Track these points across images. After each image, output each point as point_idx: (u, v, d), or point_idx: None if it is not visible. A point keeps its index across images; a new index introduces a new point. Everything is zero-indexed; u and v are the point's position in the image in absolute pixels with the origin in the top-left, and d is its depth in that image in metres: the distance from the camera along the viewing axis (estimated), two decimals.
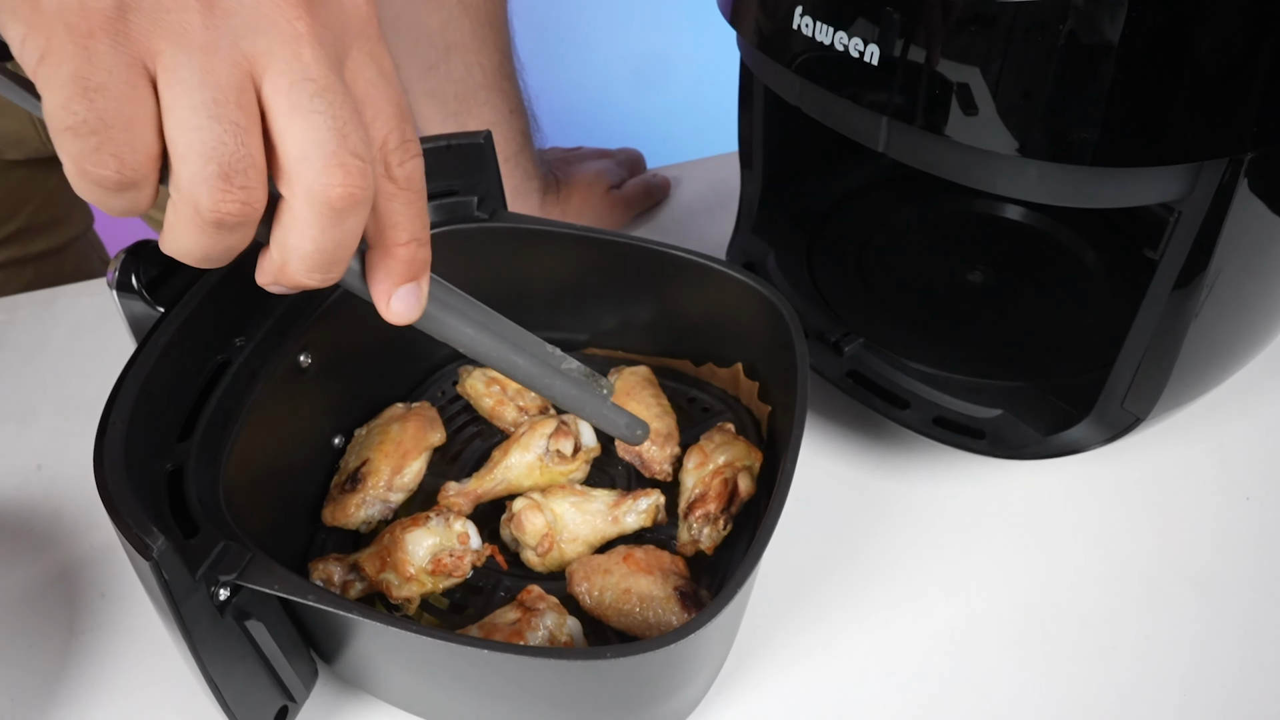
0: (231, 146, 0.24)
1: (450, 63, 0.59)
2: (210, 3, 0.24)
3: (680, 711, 0.39)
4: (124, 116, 0.23)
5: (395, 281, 0.29)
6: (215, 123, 0.24)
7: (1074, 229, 0.58)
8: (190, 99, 0.24)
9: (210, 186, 0.24)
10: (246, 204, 0.25)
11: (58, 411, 0.58)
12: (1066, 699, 0.41)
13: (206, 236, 0.25)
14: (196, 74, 0.23)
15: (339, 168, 0.25)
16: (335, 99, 0.25)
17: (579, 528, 0.42)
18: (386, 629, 0.32)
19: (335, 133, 0.25)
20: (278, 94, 0.25)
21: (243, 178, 0.24)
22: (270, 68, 0.24)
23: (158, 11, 0.23)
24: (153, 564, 0.29)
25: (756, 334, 0.45)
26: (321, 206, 0.25)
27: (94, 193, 0.24)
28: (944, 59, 0.35)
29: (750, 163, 0.56)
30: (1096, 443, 0.44)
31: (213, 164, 0.24)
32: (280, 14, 0.24)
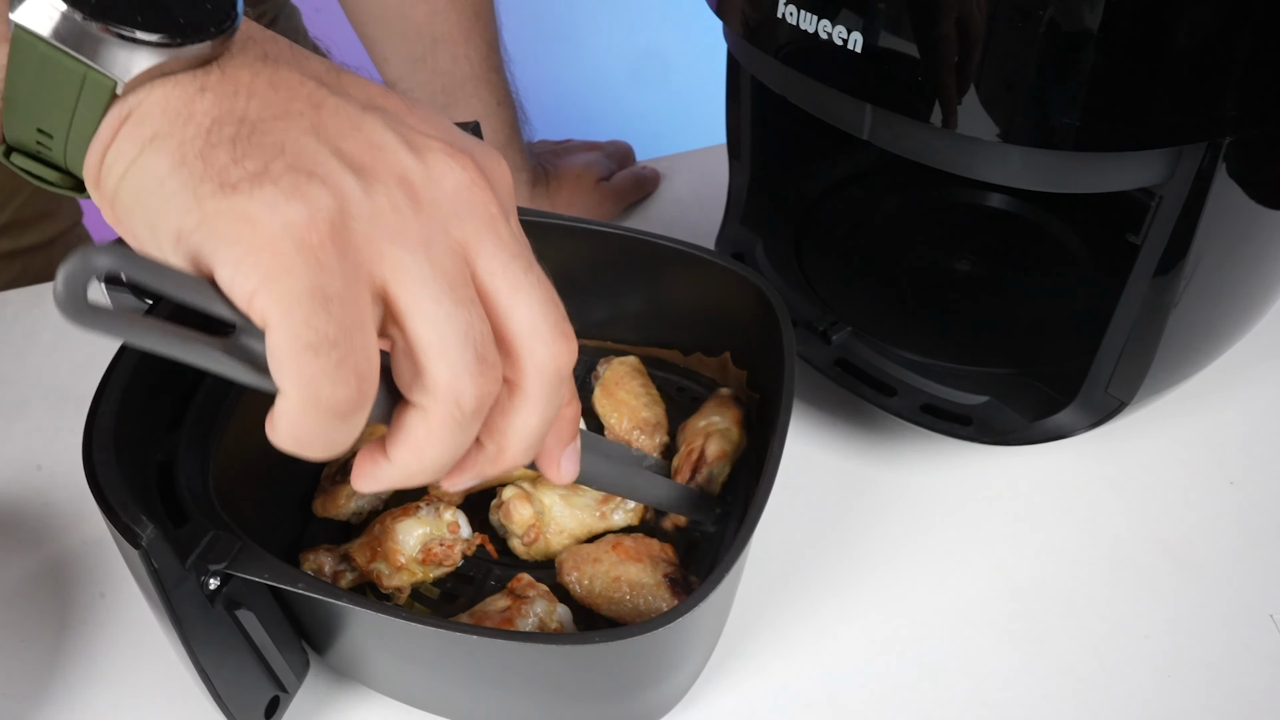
0: (479, 327, 0.24)
1: (437, 55, 0.59)
2: (417, 199, 0.24)
3: (670, 698, 0.39)
4: (360, 326, 0.22)
5: (565, 444, 0.30)
6: (461, 308, 0.24)
7: (1060, 217, 0.58)
8: (430, 291, 0.23)
9: (472, 373, 0.24)
10: (497, 381, 0.25)
11: (49, 407, 0.58)
12: (1054, 679, 0.41)
13: (461, 435, 0.25)
14: (427, 267, 0.23)
15: (564, 336, 0.26)
16: (539, 272, 0.26)
17: (566, 520, 0.43)
18: (377, 617, 0.32)
19: (553, 304, 0.26)
20: (494, 276, 0.25)
21: (493, 356, 0.24)
22: (480, 251, 0.25)
23: (376, 215, 0.23)
24: (142, 553, 0.30)
25: (744, 322, 0.46)
26: (553, 378, 0.26)
27: (320, 426, 0.23)
28: (925, 46, 0.35)
29: (738, 153, 0.56)
30: (1081, 428, 0.45)
31: (470, 350, 0.24)
32: (476, 199, 0.25)
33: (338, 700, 0.42)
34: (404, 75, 0.60)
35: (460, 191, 0.25)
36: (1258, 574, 0.44)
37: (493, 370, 0.24)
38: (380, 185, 0.23)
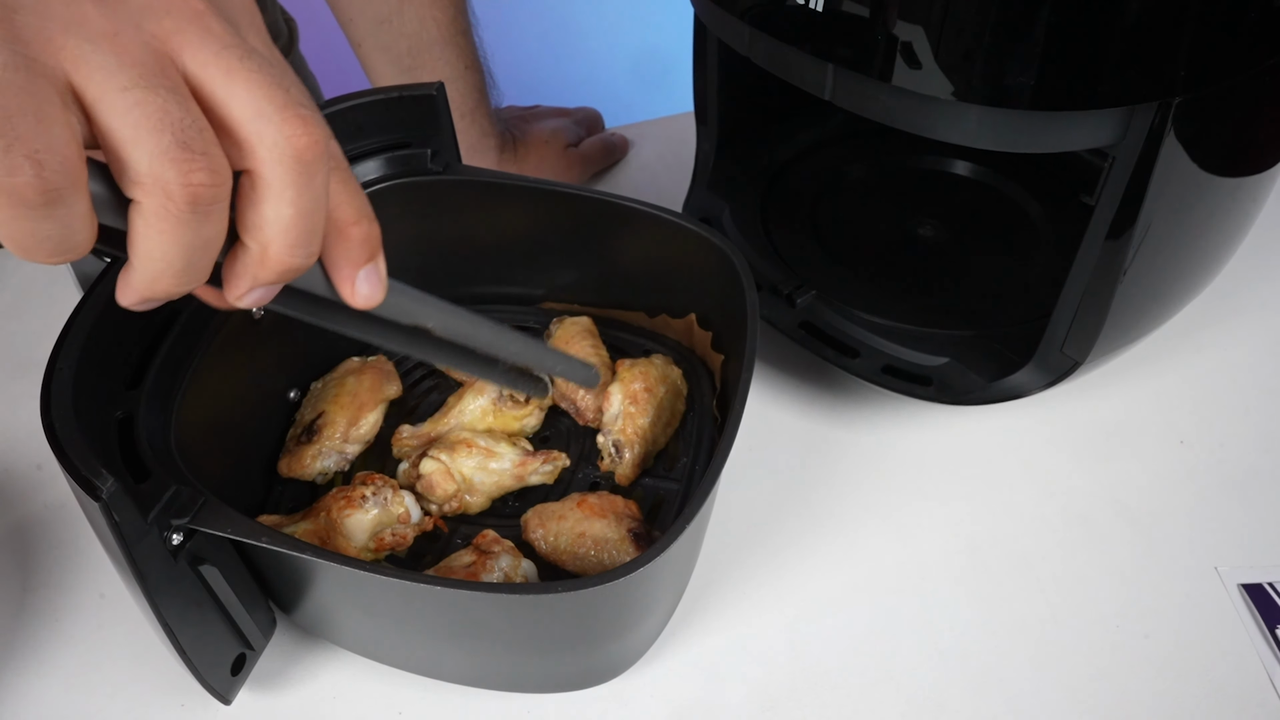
0: (178, 113, 0.22)
1: (403, 17, 0.58)
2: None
3: (635, 651, 0.40)
4: (28, 110, 0.21)
5: (357, 264, 0.28)
6: (153, 93, 0.22)
7: (1020, 183, 0.59)
8: (116, 80, 0.22)
9: (174, 159, 0.22)
10: (214, 172, 0.23)
11: (6, 373, 0.57)
12: (1007, 630, 0.42)
13: (184, 229, 0.23)
14: (112, 58, 0.22)
15: (296, 118, 0.24)
16: (262, 59, 0.24)
17: (484, 485, 0.43)
18: (343, 570, 0.33)
19: (279, 86, 0.24)
20: (205, 66, 0.23)
21: (201, 143, 0.23)
22: (186, 44, 0.23)
23: (45, 6, 0.22)
24: (102, 505, 0.29)
25: (709, 285, 0.46)
26: (292, 162, 0.24)
27: (17, 219, 0.22)
28: (885, 6, 0.36)
29: (705, 119, 0.57)
30: (1037, 387, 0.46)
31: (166, 133, 0.22)
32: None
33: (304, 658, 0.42)
34: (369, 35, 0.59)
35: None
36: (1205, 529, 0.46)
37: (202, 158, 0.23)
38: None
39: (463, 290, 0.52)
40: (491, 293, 0.52)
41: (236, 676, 0.38)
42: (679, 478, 0.45)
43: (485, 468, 0.42)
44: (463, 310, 0.34)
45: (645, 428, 0.44)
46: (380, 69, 0.60)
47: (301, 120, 0.24)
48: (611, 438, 0.44)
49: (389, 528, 0.40)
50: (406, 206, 0.48)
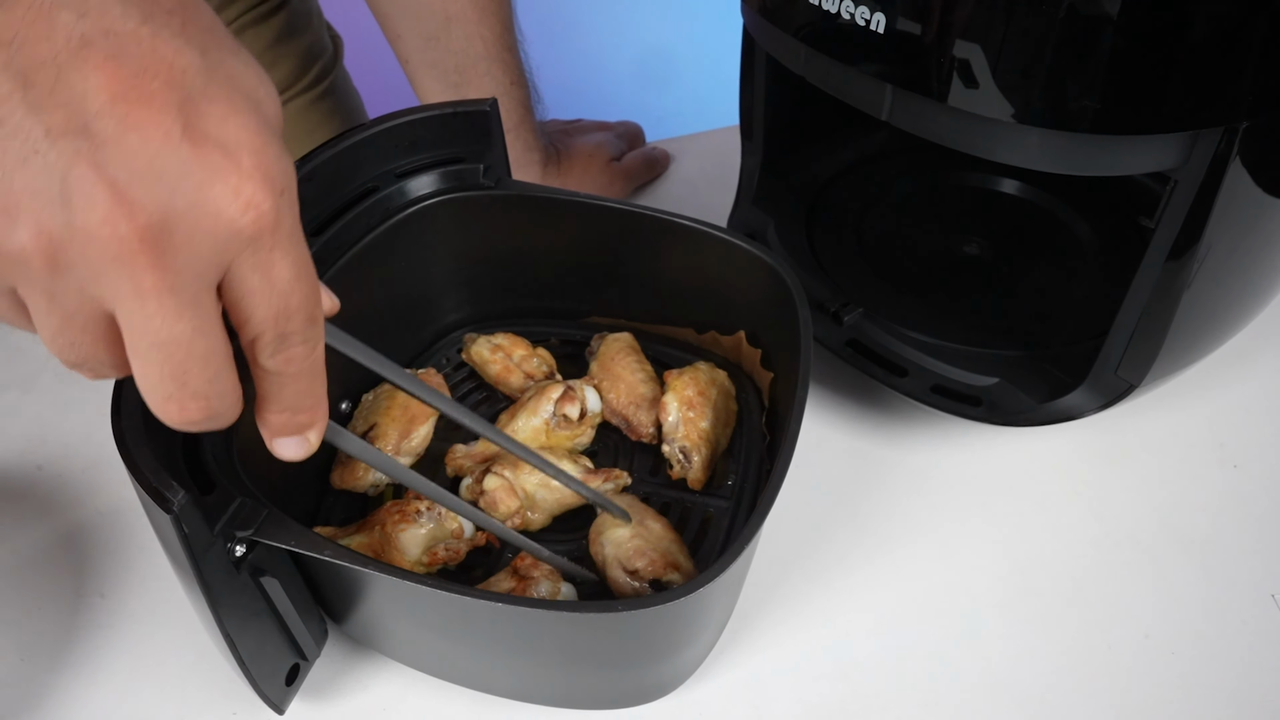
0: (75, 356, 0.25)
1: (450, 34, 0.59)
2: (52, 258, 0.23)
3: (685, 670, 0.40)
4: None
5: (270, 435, 0.31)
6: (62, 341, 0.25)
7: (1067, 201, 0.58)
8: (40, 321, 0.25)
9: (61, 358, 0.26)
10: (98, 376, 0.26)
11: (58, 378, 0.58)
12: (1058, 655, 0.42)
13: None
14: (42, 310, 0.24)
15: (174, 404, 0.26)
16: (178, 349, 0.25)
17: (545, 502, 0.43)
18: (404, 584, 0.33)
19: (172, 379, 0.25)
20: (125, 336, 0.25)
21: (88, 371, 0.26)
22: (117, 314, 0.24)
23: (5, 259, 0.23)
24: (173, 517, 0.30)
25: (759, 302, 0.46)
26: (173, 425, 0.27)
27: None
28: (948, 27, 0.36)
29: (751, 134, 0.57)
30: (1090, 410, 0.45)
31: (72, 364, 0.26)
32: (122, 271, 0.23)
33: (355, 669, 0.42)
34: (416, 52, 0.60)
35: (105, 260, 0.23)
36: (1259, 555, 0.45)
37: (89, 374, 0.26)
38: (13, 237, 0.23)
39: (511, 303, 0.53)
40: (539, 306, 0.53)
41: (290, 686, 0.39)
42: (728, 495, 0.45)
43: (548, 485, 0.42)
44: (411, 474, 0.37)
45: (707, 430, 0.44)
46: (428, 85, 0.61)
47: (178, 406, 0.26)
48: (677, 445, 0.44)
49: (443, 542, 0.41)
50: (458, 221, 0.48)
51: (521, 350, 0.49)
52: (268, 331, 0.27)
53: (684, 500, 0.45)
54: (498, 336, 0.50)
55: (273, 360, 0.27)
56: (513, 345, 0.49)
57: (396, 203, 0.47)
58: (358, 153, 0.45)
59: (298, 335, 0.27)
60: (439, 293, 0.51)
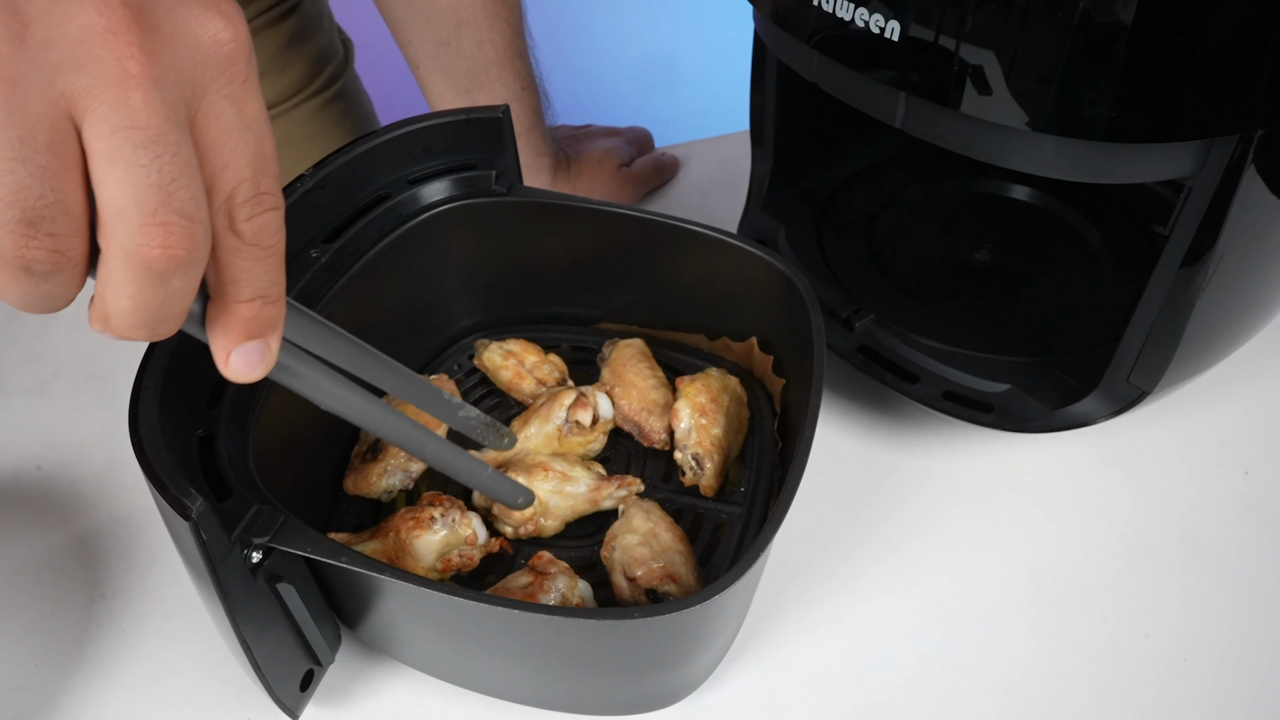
0: (37, 191, 0.22)
1: (461, 39, 0.59)
2: (22, 33, 0.21)
3: (699, 675, 0.40)
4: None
5: (234, 339, 0.27)
6: (19, 164, 0.22)
7: (1079, 208, 0.58)
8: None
9: (12, 233, 0.22)
10: (56, 252, 0.23)
11: (70, 385, 0.58)
12: (1070, 662, 0.42)
13: (17, 282, 0.23)
14: (1, 111, 0.21)
15: (159, 227, 0.23)
16: (165, 150, 0.23)
17: (559, 508, 0.43)
18: (419, 590, 0.33)
19: (159, 188, 0.23)
20: (97, 140, 0.22)
21: (51, 225, 0.22)
22: (91, 110, 0.22)
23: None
24: (191, 525, 0.30)
25: (771, 308, 0.46)
26: (137, 266, 0.23)
27: None
28: (963, 35, 0.36)
29: (761, 140, 0.57)
30: (1102, 416, 0.45)
31: (15, 209, 0.22)
32: (108, 51, 0.22)
33: (368, 674, 0.42)
34: (427, 58, 0.60)
35: (88, 38, 0.22)
36: (1272, 560, 0.45)
37: (45, 239, 0.23)
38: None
39: (522, 309, 0.53)
40: (551, 313, 0.53)
41: (305, 692, 0.39)
42: (740, 502, 0.45)
43: (561, 491, 0.42)
44: (372, 401, 0.34)
45: (719, 437, 0.44)
46: (439, 90, 0.61)
47: (164, 229, 0.23)
48: (689, 452, 0.44)
49: (456, 549, 0.41)
50: (470, 227, 0.48)
51: (533, 356, 0.49)
52: (245, 183, 0.25)
53: (696, 507, 0.45)
54: (509, 343, 0.50)
55: (249, 223, 0.25)
56: (524, 351, 0.49)
57: (409, 209, 0.47)
58: (371, 159, 0.46)
59: (271, 195, 0.26)
60: (450, 299, 0.51)
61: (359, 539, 0.41)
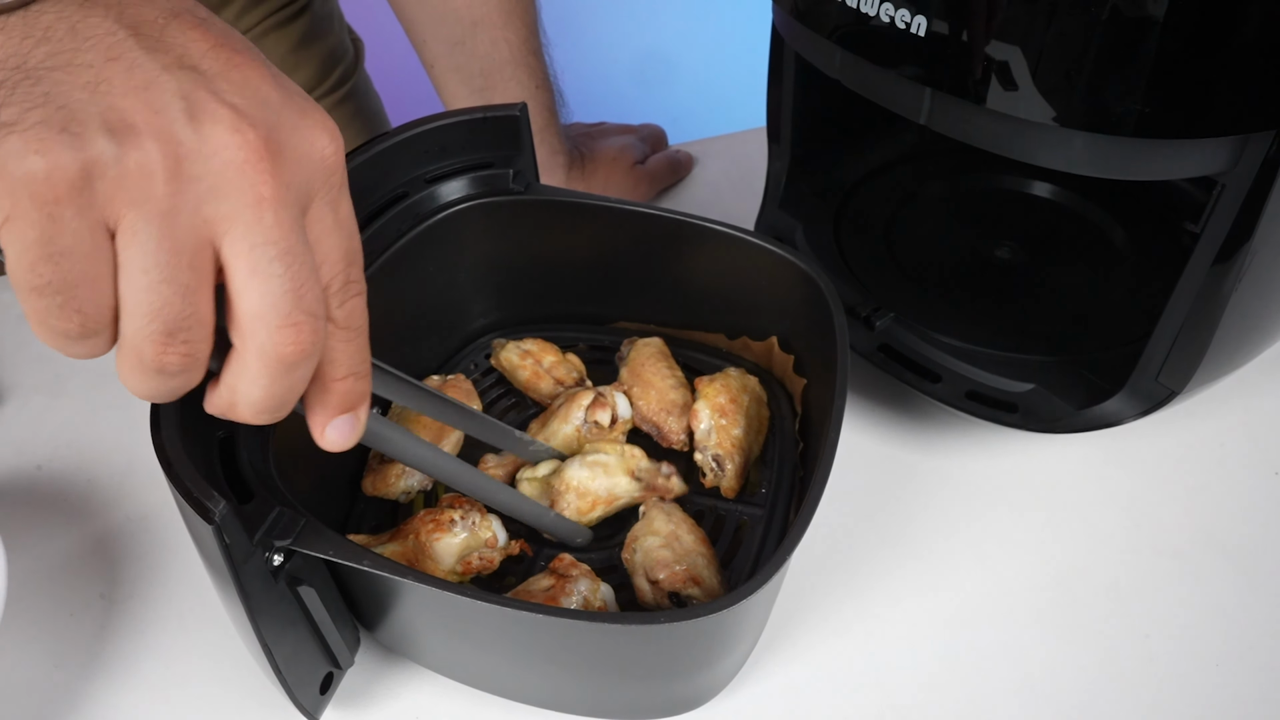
0: (178, 307, 0.25)
1: (476, 38, 0.59)
2: (176, 170, 0.24)
3: (721, 679, 0.40)
4: (88, 277, 0.24)
5: (330, 414, 0.31)
6: (165, 285, 0.25)
7: (1100, 205, 0.58)
8: (144, 262, 0.24)
9: (153, 343, 0.25)
10: (188, 356, 0.26)
11: (87, 383, 0.58)
12: (1098, 665, 0.41)
13: (151, 380, 0.27)
14: (154, 239, 0.24)
15: (292, 327, 0.26)
16: (294, 261, 0.26)
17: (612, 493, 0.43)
18: (442, 594, 0.33)
19: (292, 294, 0.26)
20: (237, 257, 0.25)
21: (186, 334, 0.26)
22: (230, 232, 0.25)
23: (123, 179, 0.24)
24: (215, 528, 0.30)
25: (792, 307, 0.46)
26: (274, 363, 0.27)
27: (55, 343, 0.26)
28: (991, 30, 0.35)
29: (778, 137, 0.56)
30: (1130, 416, 0.45)
31: (157, 323, 0.25)
32: (245, 180, 0.25)
33: (386, 677, 0.42)
34: (442, 57, 0.60)
35: (229, 169, 0.25)
36: None
37: (182, 346, 0.26)
38: (137, 150, 0.24)
39: (539, 309, 0.52)
40: (567, 312, 0.52)
41: (324, 694, 0.39)
42: (762, 503, 0.44)
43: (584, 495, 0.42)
44: (452, 460, 0.39)
45: (740, 438, 0.44)
46: (453, 89, 0.61)
47: (296, 329, 0.26)
48: (710, 453, 0.44)
49: (476, 551, 0.40)
50: (488, 226, 0.48)
51: (551, 356, 0.49)
52: (339, 275, 0.28)
53: (717, 508, 0.45)
54: (527, 342, 0.49)
55: (342, 309, 0.29)
56: (542, 351, 0.49)
57: (427, 208, 0.46)
58: (389, 158, 0.45)
59: (357, 284, 0.29)
60: (467, 298, 0.51)
61: (378, 540, 0.41)
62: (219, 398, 0.29)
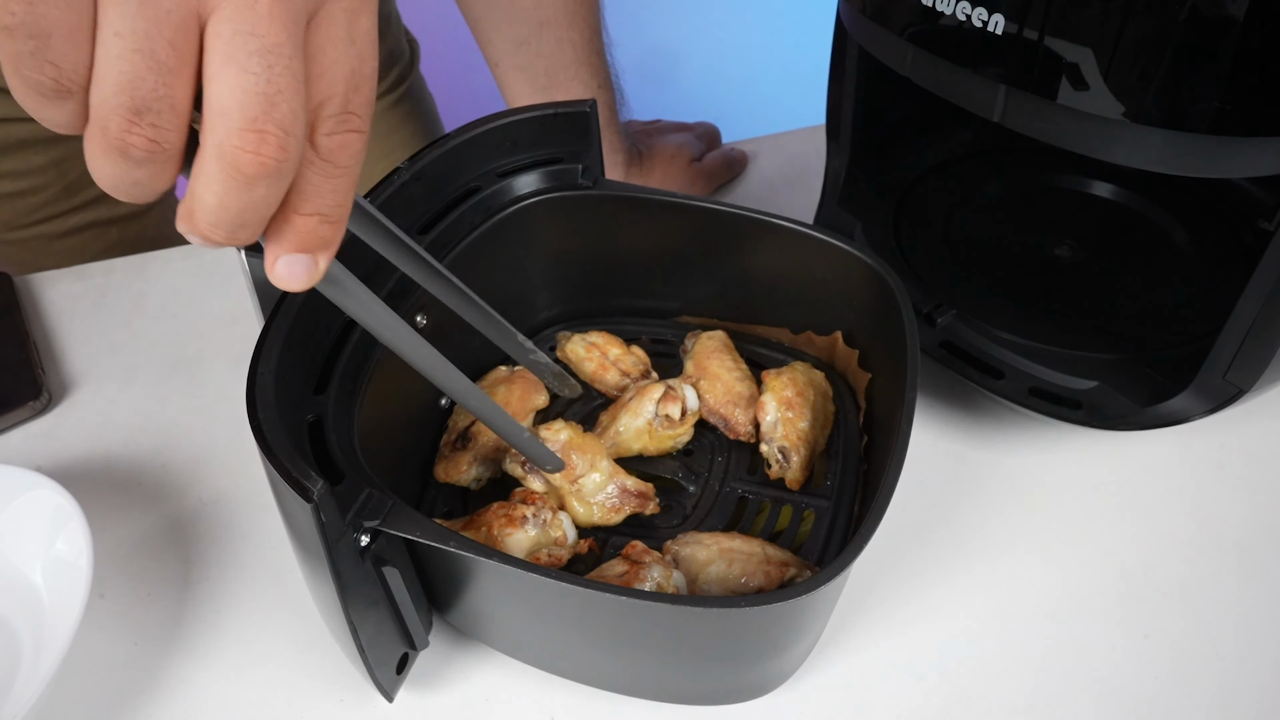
0: (150, 83, 0.23)
1: (541, 38, 0.60)
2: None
3: (788, 667, 0.40)
4: (64, 25, 0.22)
5: (285, 247, 0.27)
6: (138, 55, 0.23)
7: (1161, 204, 0.58)
8: (119, 25, 0.22)
9: (119, 117, 0.23)
10: (154, 141, 0.24)
11: (157, 371, 0.60)
12: (1165, 663, 0.41)
13: (112, 164, 0.24)
14: (134, 4, 0.22)
15: (255, 133, 0.24)
16: (277, 62, 0.23)
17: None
18: (526, 576, 0.33)
19: (263, 96, 0.23)
20: (217, 39, 0.23)
21: (154, 116, 0.23)
22: (218, 9, 0.23)
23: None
24: (313, 507, 0.31)
25: (857, 303, 0.46)
26: (229, 167, 0.24)
27: (31, 99, 0.23)
28: (1068, 28, 0.35)
29: (838, 134, 0.57)
30: (1197, 414, 0.45)
31: (124, 95, 0.23)
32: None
33: (457, 659, 0.43)
34: (507, 56, 0.61)
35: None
36: None
37: (149, 128, 0.23)
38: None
39: (602, 302, 0.53)
40: (630, 305, 0.53)
41: (400, 674, 0.40)
42: (827, 495, 0.45)
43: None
44: (423, 344, 0.35)
45: (805, 430, 0.44)
46: (517, 88, 0.62)
47: (259, 136, 0.24)
48: (776, 444, 0.44)
49: (545, 548, 0.41)
50: (556, 220, 0.49)
51: (616, 349, 0.50)
52: (336, 96, 0.25)
53: (783, 499, 0.45)
54: (592, 335, 0.50)
55: (329, 139, 0.26)
56: (607, 344, 0.50)
57: (498, 202, 0.47)
58: (462, 153, 0.46)
59: (357, 118, 0.26)
60: (535, 290, 0.52)
61: (452, 526, 0.42)
62: (183, 205, 0.26)
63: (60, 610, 0.42)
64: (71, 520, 0.44)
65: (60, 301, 0.65)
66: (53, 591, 0.44)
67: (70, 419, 0.56)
